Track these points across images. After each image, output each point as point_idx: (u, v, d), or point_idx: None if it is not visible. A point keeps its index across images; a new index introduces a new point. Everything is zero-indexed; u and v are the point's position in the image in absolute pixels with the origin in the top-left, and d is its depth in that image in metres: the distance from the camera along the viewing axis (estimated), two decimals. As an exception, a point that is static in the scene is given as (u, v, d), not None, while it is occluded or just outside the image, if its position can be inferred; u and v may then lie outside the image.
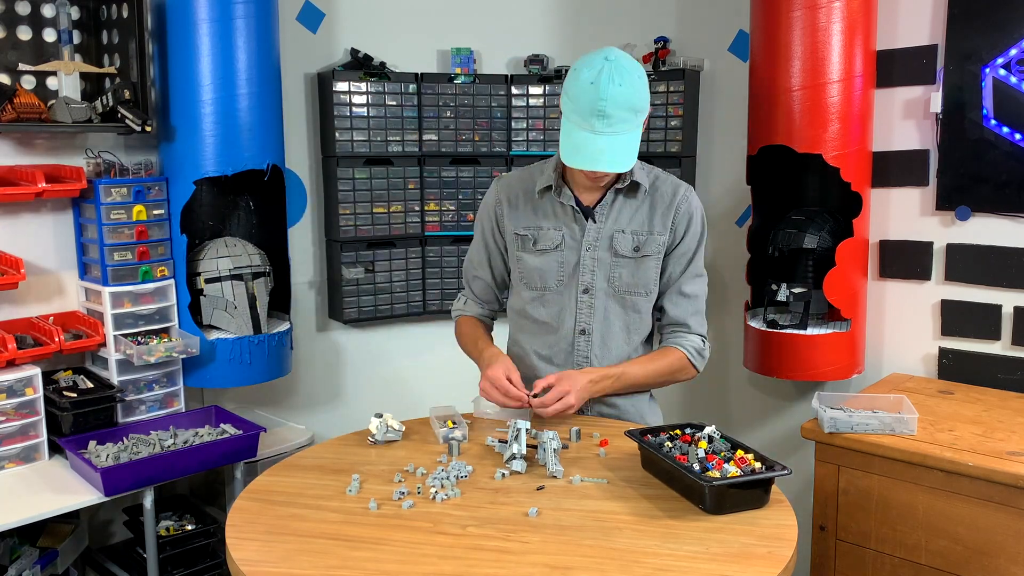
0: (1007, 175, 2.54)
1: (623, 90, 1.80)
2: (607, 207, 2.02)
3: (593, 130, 1.81)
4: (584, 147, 1.82)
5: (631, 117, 1.82)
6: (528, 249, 2.07)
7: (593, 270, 2.03)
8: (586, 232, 2.03)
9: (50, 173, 2.48)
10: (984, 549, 2.08)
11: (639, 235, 2.02)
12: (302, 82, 3.15)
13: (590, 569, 1.41)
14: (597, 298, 2.04)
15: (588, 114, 1.81)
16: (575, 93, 1.83)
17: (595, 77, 1.80)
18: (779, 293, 2.77)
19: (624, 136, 1.82)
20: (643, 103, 1.85)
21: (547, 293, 2.07)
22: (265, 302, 2.79)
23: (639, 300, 2.06)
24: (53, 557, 2.45)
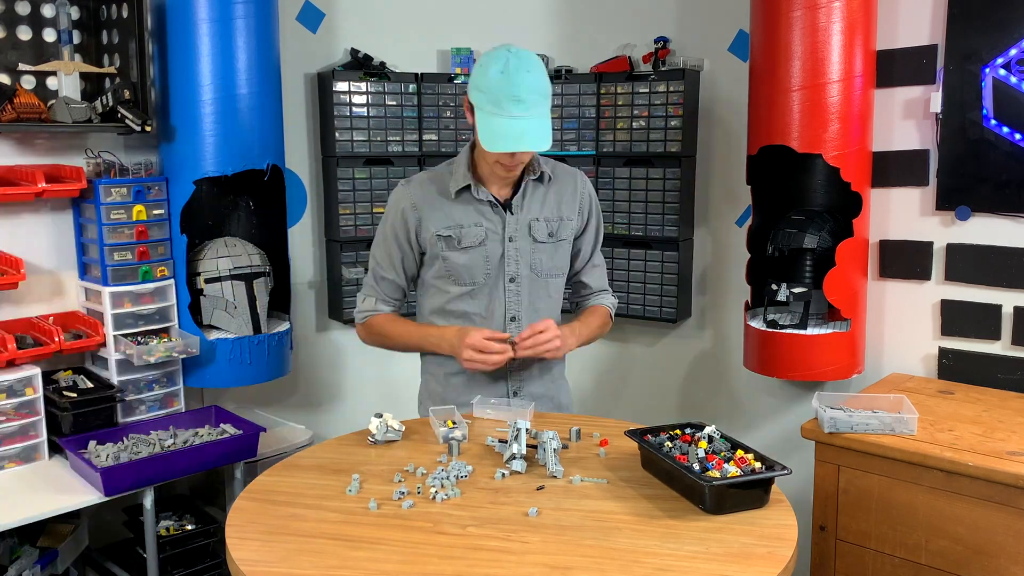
0: (1007, 175, 2.53)
1: (531, 76, 1.93)
2: (520, 199, 2.14)
3: (511, 115, 1.92)
4: (505, 132, 1.93)
5: (542, 101, 1.96)
6: (453, 248, 2.12)
7: (517, 259, 2.15)
8: (506, 224, 2.13)
9: (50, 173, 2.48)
10: (984, 549, 2.08)
11: (551, 221, 2.17)
12: (302, 82, 3.15)
13: (590, 569, 1.41)
14: (523, 285, 2.16)
15: (504, 101, 1.92)
16: (487, 85, 1.94)
17: (504, 67, 1.93)
18: (779, 293, 2.77)
19: (540, 119, 1.95)
20: (549, 89, 1.99)
21: (476, 287, 2.15)
22: (265, 302, 2.79)
23: (557, 281, 2.23)
24: (53, 557, 2.45)
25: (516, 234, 2.14)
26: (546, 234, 2.16)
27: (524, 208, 2.14)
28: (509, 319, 2.16)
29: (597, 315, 2.28)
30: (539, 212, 2.16)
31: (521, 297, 2.16)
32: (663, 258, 3.22)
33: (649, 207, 3.22)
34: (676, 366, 3.44)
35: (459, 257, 2.13)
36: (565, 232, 2.19)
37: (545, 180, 2.17)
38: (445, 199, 2.13)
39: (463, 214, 2.12)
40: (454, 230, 2.12)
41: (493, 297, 2.16)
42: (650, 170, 3.20)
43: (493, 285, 2.15)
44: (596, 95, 3.26)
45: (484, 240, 2.12)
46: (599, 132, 3.28)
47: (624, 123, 3.23)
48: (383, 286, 2.23)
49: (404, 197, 2.15)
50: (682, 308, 3.27)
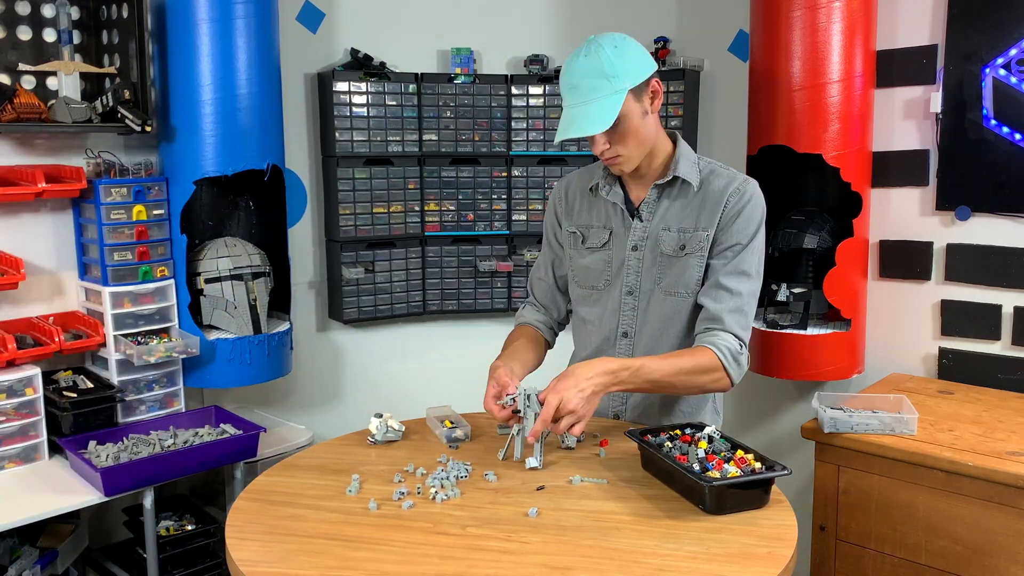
0: (1007, 175, 2.54)
1: (589, 60, 1.81)
2: (652, 204, 1.95)
3: (568, 104, 1.84)
4: (563, 122, 1.84)
5: (601, 84, 1.79)
6: (578, 247, 2.05)
7: (638, 271, 1.96)
8: (631, 231, 1.96)
9: (50, 173, 2.48)
10: (984, 549, 2.08)
11: (685, 233, 1.92)
12: (302, 82, 3.15)
13: (590, 569, 1.41)
14: (640, 300, 1.97)
15: (564, 91, 1.86)
16: (560, 78, 1.88)
17: (570, 58, 1.86)
18: (779, 293, 2.77)
19: (595, 103, 1.79)
20: (614, 69, 1.79)
21: (594, 292, 2.03)
22: (265, 302, 2.79)
23: (681, 301, 1.95)
24: (53, 557, 2.45)
25: (642, 243, 1.95)
26: (676, 247, 1.92)
27: (656, 215, 1.94)
28: (621, 334, 1.99)
29: (689, 356, 1.85)
30: (674, 222, 1.93)
31: (637, 313, 1.97)
32: (663, 258, 3.22)
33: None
34: (676, 366, 3.43)
35: (582, 258, 2.04)
36: (694, 244, 1.91)
37: (691, 190, 1.92)
38: (585, 195, 2.05)
39: (595, 213, 2.02)
40: (583, 228, 2.04)
41: (608, 307, 2.01)
42: (650, 170, 3.19)
43: (611, 294, 2.00)
44: (596, 95, 3.25)
45: (607, 243, 1.99)
46: (599, 132, 3.27)
47: (624, 123, 3.22)
48: (536, 289, 2.19)
49: (556, 191, 2.12)
50: (682, 308, 3.27)
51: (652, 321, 1.97)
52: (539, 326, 2.16)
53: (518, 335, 2.12)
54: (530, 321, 2.17)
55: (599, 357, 1.85)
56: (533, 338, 2.12)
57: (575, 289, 2.09)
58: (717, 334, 1.87)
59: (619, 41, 1.84)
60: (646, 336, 1.98)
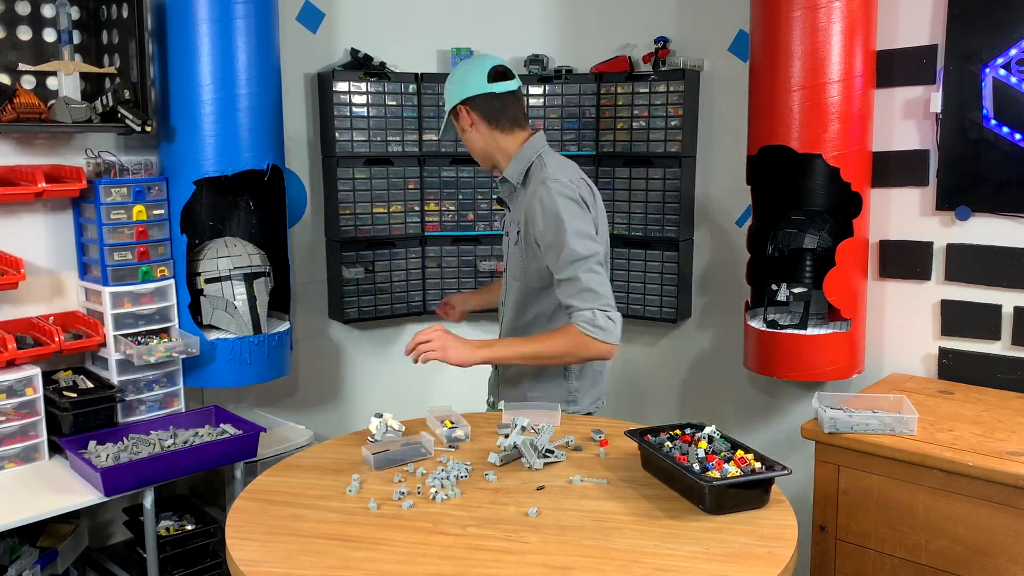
0: (1007, 175, 2.54)
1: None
2: (508, 199, 2.31)
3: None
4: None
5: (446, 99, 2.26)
6: None
7: (504, 253, 2.35)
8: (504, 219, 2.36)
9: (50, 173, 2.48)
10: (984, 549, 2.08)
11: (518, 225, 2.23)
12: (302, 82, 3.15)
13: (590, 569, 1.41)
14: (505, 279, 2.33)
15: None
16: None
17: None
18: (779, 293, 2.77)
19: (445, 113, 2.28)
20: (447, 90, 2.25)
21: None
22: (265, 302, 2.79)
23: (517, 285, 2.26)
24: (53, 557, 2.45)
25: (508, 228, 2.30)
26: (517, 236, 2.23)
27: (512, 208, 2.28)
28: (501, 302, 2.37)
29: (554, 333, 2.13)
30: (515, 214, 2.25)
31: (505, 288, 2.31)
32: (663, 258, 3.22)
33: (649, 207, 3.22)
34: (676, 366, 3.43)
35: None
36: (523, 238, 2.21)
37: (518, 188, 2.24)
38: None
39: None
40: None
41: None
42: (650, 170, 3.19)
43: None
44: (596, 95, 3.26)
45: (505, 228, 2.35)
46: (599, 132, 3.28)
47: (624, 123, 3.23)
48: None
49: None
50: (682, 308, 3.27)
51: (509, 294, 2.30)
52: None
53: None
54: None
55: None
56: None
57: None
58: (571, 315, 2.11)
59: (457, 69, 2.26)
60: (505, 309, 2.33)
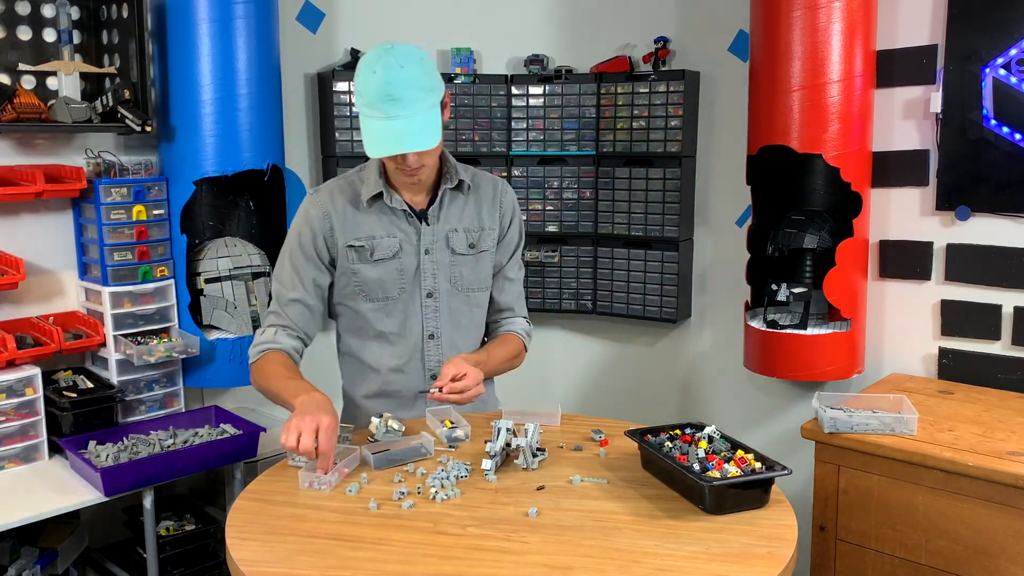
0: (1007, 175, 2.54)
1: (406, 71, 1.78)
2: (437, 208, 2.02)
3: (387, 116, 1.79)
4: (384, 135, 1.80)
5: (424, 96, 1.81)
6: (365, 260, 2.00)
7: (435, 273, 2.03)
8: (422, 235, 2.01)
9: (50, 173, 2.48)
10: (984, 549, 2.08)
11: (472, 232, 2.06)
12: (302, 82, 3.15)
13: (590, 569, 1.41)
14: (441, 300, 2.05)
15: (379, 102, 1.78)
16: (362, 87, 1.81)
17: (377, 66, 1.79)
18: (779, 293, 2.77)
19: (421, 116, 1.80)
20: (430, 82, 1.83)
21: (389, 302, 2.03)
22: (265, 302, 2.79)
23: (481, 296, 2.11)
24: (53, 557, 2.45)
25: (433, 246, 2.01)
26: (466, 245, 2.04)
27: (441, 218, 2.02)
28: (427, 336, 2.05)
29: (508, 345, 2.10)
30: (458, 222, 2.04)
31: (440, 313, 2.05)
32: (663, 258, 3.22)
33: (649, 207, 3.22)
34: (676, 366, 3.44)
35: (371, 271, 2.00)
36: (487, 243, 2.07)
37: (465, 189, 2.04)
38: (357, 208, 2.00)
39: (376, 224, 1.99)
40: (366, 241, 1.99)
41: (409, 313, 2.03)
42: (650, 170, 3.19)
43: (409, 300, 2.03)
44: (596, 95, 3.26)
45: (398, 252, 2.00)
46: (599, 132, 3.28)
47: (624, 123, 3.23)
48: (289, 311, 2.01)
49: (313, 206, 2.00)
50: (682, 308, 3.27)
51: (455, 318, 2.08)
52: (297, 359, 2.04)
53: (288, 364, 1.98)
54: (287, 349, 2.01)
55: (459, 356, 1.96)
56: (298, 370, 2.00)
57: (362, 303, 2.04)
58: (514, 320, 2.15)
59: (422, 53, 1.85)
60: (451, 333, 2.08)
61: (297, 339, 2.04)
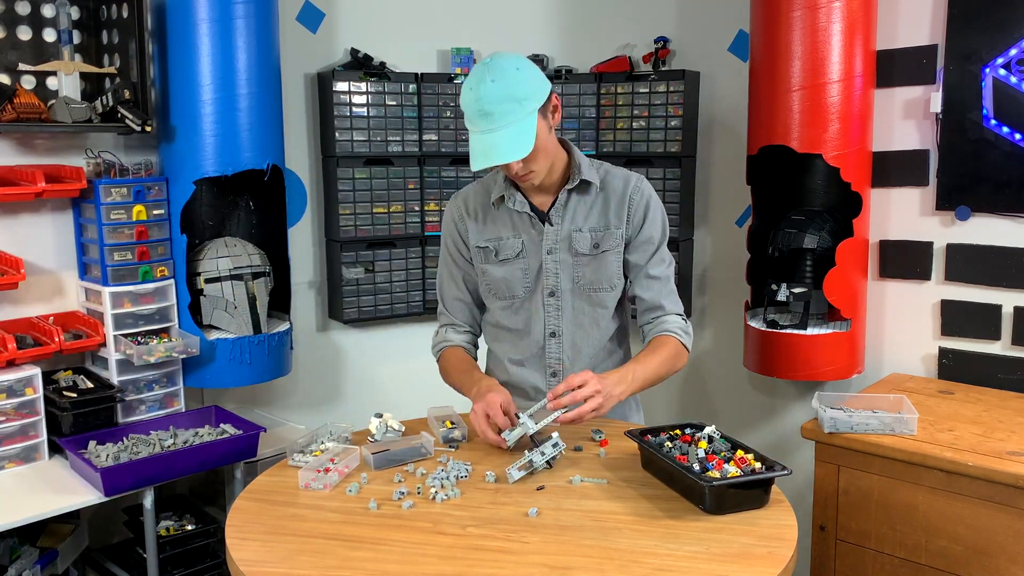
0: (1007, 175, 2.54)
1: (497, 86, 1.83)
2: (561, 208, 2.04)
3: (482, 130, 1.86)
4: (479, 148, 1.87)
5: (514, 108, 1.84)
6: (491, 260, 2.08)
7: (556, 272, 2.05)
8: (544, 236, 2.04)
9: (50, 173, 2.48)
10: (984, 549, 2.08)
11: (596, 232, 2.04)
12: (302, 82, 3.15)
13: (590, 569, 1.41)
14: (563, 299, 2.07)
15: (474, 117, 1.87)
16: (463, 104, 1.90)
17: (473, 83, 1.87)
18: (779, 293, 2.77)
19: (511, 128, 1.84)
20: (523, 91, 1.85)
21: (515, 301, 2.10)
22: (265, 302, 2.79)
23: (604, 296, 2.08)
24: (53, 557, 2.44)
25: (556, 246, 2.04)
26: (590, 246, 2.03)
27: (566, 219, 2.04)
28: (549, 334, 2.08)
29: (662, 349, 2.02)
30: (583, 222, 2.04)
31: (562, 312, 2.07)
32: (663, 258, 3.22)
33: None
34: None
35: (497, 270, 2.08)
36: (610, 242, 2.04)
37: (594, 190, 2.03)
38: (487, 209, 2.09)
39: (503, 225, 2.07)
40: (492, 242, 2.08)
41: (532, 312, 2.08)
42: (650, 170, 3.19)
43: (532, 299, 2.08)
44: (596, 95, 3.26)
45: (521, 252, 2.06)
46: (599, 132, 3.28)
47: (624, 123, 3.23)
48: (455, 309, 2.17)
49: (453, 209, 2.14)
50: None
51: (577, 318, 2.08)
52: (471, 350, 2.18)
53: (462, 357, 2.13)
54: (460, 343, 2.17)
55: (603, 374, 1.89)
56: (472, 363, 2.13)
57: (493, 301, 2.13)
58: (664, 319, 2.07)
59: (519, 63, 1.88)
60: (573, 333, 2.09)
61: (465, 332, 2.19)
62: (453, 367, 2.11)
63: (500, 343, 2.18)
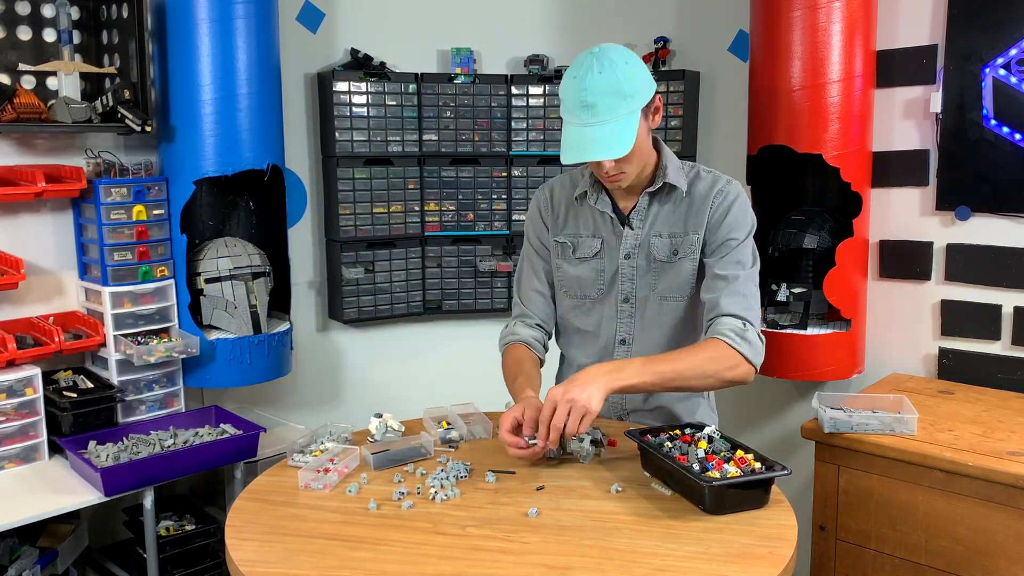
0: (1007, 175, 2.54)
1: (604, 77, 1.74)
2: (643, 212, 1.95)
3: (582, 123, 1.76)
4: (575, 141, 1.77)
5: (619, 104, 1.75)
6: (567, 257, 2.02)
7: (632, 278, 1.97)
8: (623, 240, 1.96)
9: (50, 173, 2.48)
10: (984, 549, 2.08)
11: (676, 238, 1.94)
12: (302, 82, 3.15)
13: (590, 569, 1.41)
14: (637, 307, 1.98)
15: (575, 108, 1.77)
16: (563, 92, 1.81)
17: (577, 72, 1.77)
18: (779, 293, 2.77)
19: (613, 124, 1.75)
20: (631, 87, 1.76)
21: (587, 302, 2.03)
22: (265, 302, 2.79)
23: (676, 304, 1.97)
24: (53, 557, 2.45)
25: (634, 251, 1.95)
26: (668, 252, 1.93)
27: (647, 223, 1.94)
28: (619, 341, 2.00)
29: (697, 349, 1.84)
30: (664, 228, 1.94)
31: (635, 320, 1.98)
32: (663, 258, 3.22)
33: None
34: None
35: (572, 268, 2.02)
36: (687, 248, 1.93)
37: (678, 195, 1.93)
38: (571, 204, 2.02)
39: (584, 223, 2.00)
40: (571, 238, 2.01)
41: (604, 315, 2.01)
42: (650, 170, 3.19)
43: (606, 302, 2.00)
44: (596, 95, 3.25)
45: (599, 253, 1.98)
46: (599, 132, 3.27)
47: (624, 123, 3.22)
48: (529, 301, 2.08)
49: (540, 199, 2.07)
50: (682, 308, 3.27)
51: (649, 327, 1.99)
52: (536, 346, 2.08)
53: (518, 360, 2.02)
54: (527, 340, 2.06)
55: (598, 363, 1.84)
56: (535, 362, 2.05)
57: (563, 299, 2.07)
58: (717, 321, 1.87)
59: (628, 57, 1.79)
60: (644, 341, 1.99)
61: (536, 327, 2.09)
62: (508, 368, 2.02)
63: (570, 347, 2.11)
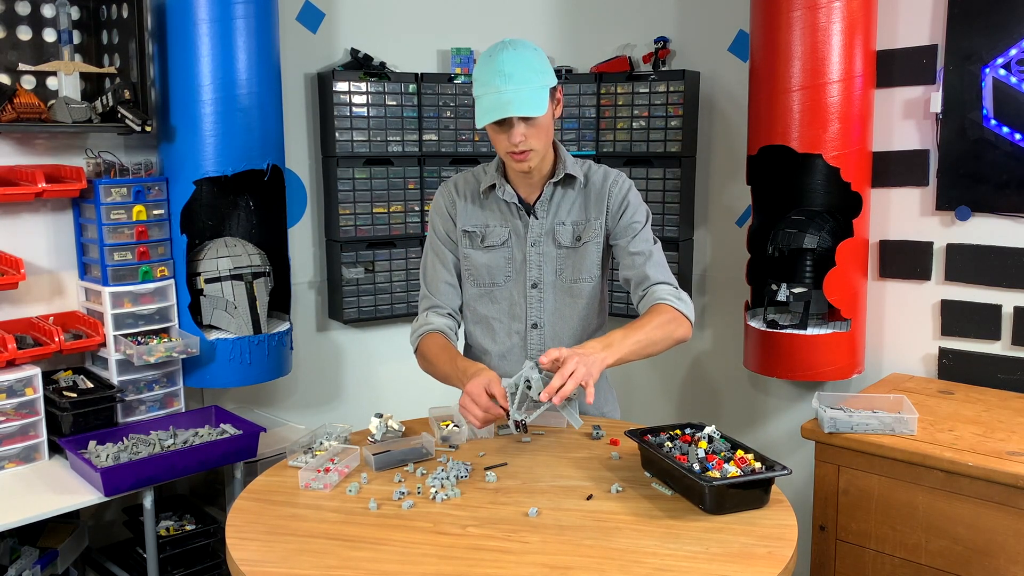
0: (1007, 175, 2.54)
1: (517, 54, 1.89)
2: (546, 202, 2.07)
3: (497, 90, 1.87)
4: (491, 104, 1.88)
5: (533, 76, 1.88)
6: (476, 246, 2.10)
7: (540, 264, 2.08)
8: (529, 228, 2.07)
9: (50, 173, 2.48)
10: (984, 549, 2.08)
11: (579, 225, 2.08)
12: (302, 82, 3.15)
13: (590, 569, 1.41)
14: (546, 291, 2.10)
15: (490, 79, 1.88)
16: (477, 73, 1.93)
17: (492, 52, 1.92)
18: (779, 293, 2.77)
19: (527, 89, 1.87)
20: (541, 66, 1.91)
21: (495, 289, 2.12)
22: (265, 302, 2.79)
23: (584, 286, 2.10)
24: (53, 557, 2.45)
25: (540, 239, 2.08)
26: (572, 238, 2.07)
27: (550, 212, 2.07)
28: (531, 325, 2.11)
29: (653, 315, 1.96)
30: (566, 216, 2.08)
31: (544, 304, 2.10)
32: (663, 258, 3.22)
33: (650, 207, 3.21)
34: (676, 366, 3.43)
35: (480, 256, 2.10)
36: (590, 233, 2.07)
37: (577, 185, 2.07)
38: (476, 197, 2.12)
39: (490, 213, 2.10)
40: (479, 228, 2.10)
41: (514, 302, 2.11)
42: (650, 170, 3.20)
43: (515, 289, 2.11)
44: (596, 95, 3.26)
45: (507, 241, 2.09)
46: (599, 132, 3.28)
47: (624, 123, 3.23)
48: (439, 292, 2.13)
49: (444, 193, 2.15)
50: (682, 308, 3.27)
51: (558, 309, 2.11)
52: (451, 335, 2.12)
53: (444, 346, 2.05)
54: (443, 329, 2.10)
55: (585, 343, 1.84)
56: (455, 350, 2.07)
57: (470, 287, 2.15)
58: (651, 289, 2.03)
59: (535, 46, 1.95)
60: (555, 324, 2.11)
61: (448, 316, 2.15)
62: (435, 355, 2.04)
63: (474, 335, 2.18)
